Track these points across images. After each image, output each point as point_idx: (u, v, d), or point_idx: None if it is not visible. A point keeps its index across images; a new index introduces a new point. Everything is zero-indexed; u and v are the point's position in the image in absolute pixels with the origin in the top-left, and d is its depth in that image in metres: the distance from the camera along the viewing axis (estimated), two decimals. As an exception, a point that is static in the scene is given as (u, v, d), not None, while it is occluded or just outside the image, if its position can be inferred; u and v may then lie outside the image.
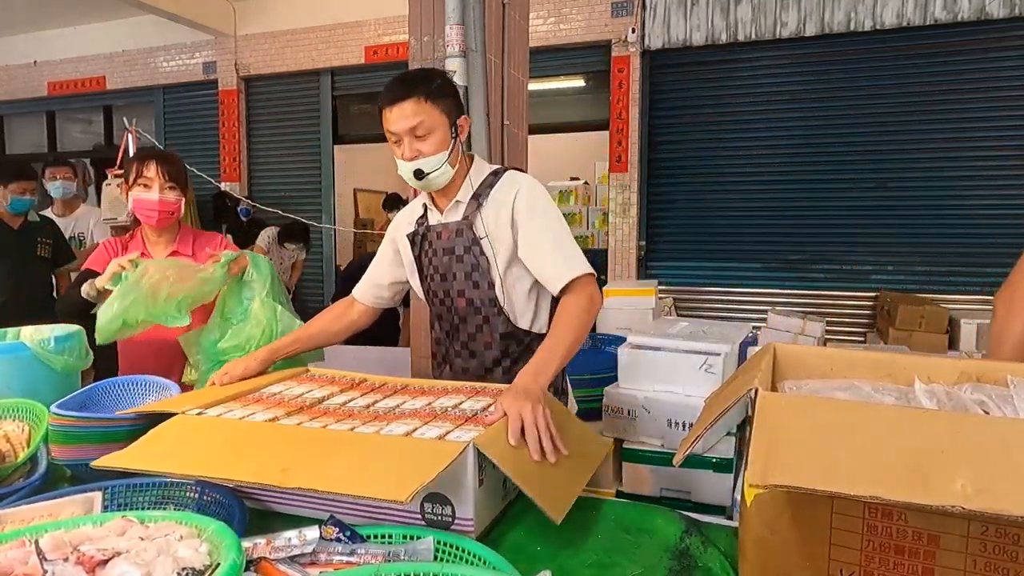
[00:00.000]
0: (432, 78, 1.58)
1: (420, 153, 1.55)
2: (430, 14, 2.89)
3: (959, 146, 4.98)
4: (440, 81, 1.59)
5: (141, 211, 2.07)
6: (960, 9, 4.83)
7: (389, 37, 6.44)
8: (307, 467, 0.98)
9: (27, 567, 0.69)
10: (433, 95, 1.53)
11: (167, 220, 2.11)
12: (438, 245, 1.68)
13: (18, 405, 1.45)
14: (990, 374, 0.96)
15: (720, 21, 5.38)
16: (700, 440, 0.90)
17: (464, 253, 1.64)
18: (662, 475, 1.78)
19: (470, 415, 1.22)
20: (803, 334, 3.89)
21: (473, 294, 1.65)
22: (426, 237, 1.70)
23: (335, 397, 1.39)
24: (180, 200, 2.12)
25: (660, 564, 0.98)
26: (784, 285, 5.47)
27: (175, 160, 2.14)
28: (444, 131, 1.56)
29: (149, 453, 1.09)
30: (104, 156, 7.44)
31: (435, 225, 1.69)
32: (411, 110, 1.52)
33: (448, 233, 1.65)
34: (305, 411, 1.29)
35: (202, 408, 1.29)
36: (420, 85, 1.53)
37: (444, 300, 1.71)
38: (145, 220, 2.10)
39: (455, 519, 1.03)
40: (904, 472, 0.66)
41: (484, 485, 1.06)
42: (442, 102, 1.55)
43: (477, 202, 1.63)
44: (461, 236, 1.63)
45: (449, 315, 1.72)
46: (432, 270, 1.70)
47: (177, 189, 2.10)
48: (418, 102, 1.52)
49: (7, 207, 3.44)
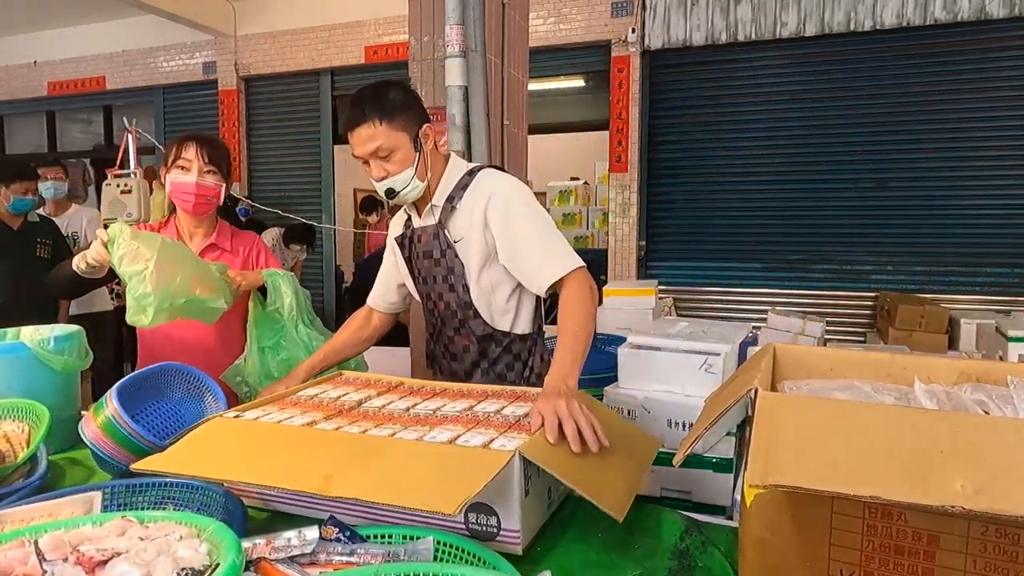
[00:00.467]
0: (384, 96, 1.53)
1: (388, 173, 1.54)
2: (430, 14, 2.89)
3: (959, 146, 4.98)
4: (394, 95, 1.54)
5: (177, 195, 1.92)
6: (960, 9, 4.83)
7: (389, 37, 6.44)
8: (349, 475, 0.95)
9: (27, 567, 0.69)
10: (387, 115, 1.50)
11: (204, 207, 1.95)
12: (419, 248, 1.69)
13: (18, 405, 1.45)
14: (990, 374, 0.96)
15: (720, 21, 5.38)
16: (700, 440, 0.90)
17: (440, 257, 1.65)
18: (662, 475, 1.78)
19: (512, 421, 1.20)
20: (803, 334, 3.88)
21: (450, 297, 1.66)
22: (412, 240, 1.71)
23: (373, 400, 1.36)
24: (220, 187, 1.96)
25: (660, 564, 0.98)
26: (784, 285, 5.47)
27: (218, 143, 1.99)
28: (406, 148, 1.54)
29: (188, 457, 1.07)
30: (104, 156, 7.45)
31: (417, 228, 1.70)
32: (367, 135, 1.51)
33: (427, 237, 1.66)
34: (344, 415, 1.26)
35: (239, 411, 1.29)
36: (372, 107, 1.50)
37: (427, 303, 1.74)
38: (181, 206, 1.94)
39: (500, 530, 1.01)
40: (904, 472, 0.66)
41: (530, 495, 1.04)
42: (399, 119, 1.52)
43: (451, 205, 1.63)
44: (437, 240, 1.64)
45: (432, 317, 1.75)
46: (416, 273, 1.73)
47: (218, 174, 1.94)
48: (373, 125, 1.50)
49: (8, 207, 3.44)
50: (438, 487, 0.90)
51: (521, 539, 1.01)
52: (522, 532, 1.01)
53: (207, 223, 2.03)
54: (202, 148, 1.91)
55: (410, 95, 1.59)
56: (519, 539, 1.01)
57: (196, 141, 1.92)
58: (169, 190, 1.93)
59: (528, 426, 1.16)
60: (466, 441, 1.08)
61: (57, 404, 1.51)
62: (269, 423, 1.21)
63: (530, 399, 1.34)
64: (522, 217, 1.57)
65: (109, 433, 1.27)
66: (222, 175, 1.96)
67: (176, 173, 1.90)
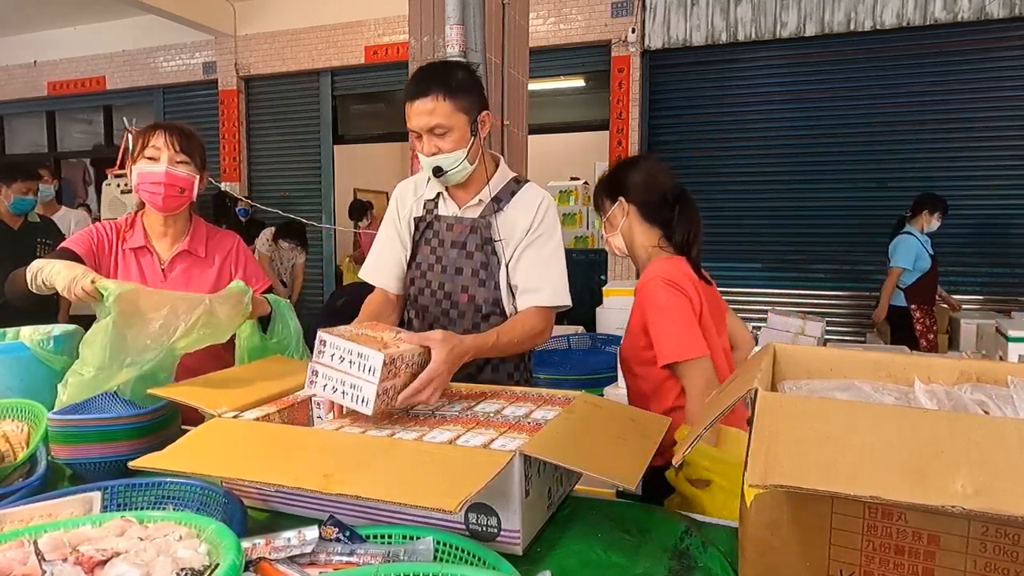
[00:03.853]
0: (452, 73, 1.55)
1: (439, 150, 1.55)
2: (430, 14, 2.89)
3: (959, 146, 4.99)
4: (462, 75, 1.56)
5: (145, 189, 1.68)
6: (960, 9, 4.83)
7: (389, 37, 6.45)
8: (349, 473, 0.95)
9: (26, 567, 0.69)
10: (452, 92, 1.52)
11: (175, 202, 1.71)
12: (447, 237, 1.67)
13: (18, 405, 1.45)
14: (990, 374, 0.96)
15: (720, 21, 5.39)
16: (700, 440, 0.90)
17: (475, 250, 1.64)
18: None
19: (513, 422, 1.20)
20: (803, 334, 3.88)
21: (478, 292, 1.65)
22: (432, 226, 1.69)
23: None
24: (193, 178, 1.72)
25: (660, 564, 0.98)
26: (784, 285, 5.47)
27: (189, 131, 1.75)
28: (463, 129, 1.55)
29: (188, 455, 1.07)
30: (104, 156, 7.45)
31: (447, 216, 1.68)
32: (427, 108, 1.52)
33: (462, 228, 1.66)
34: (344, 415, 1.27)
35: (238, 411, 1.28)
36: (437, 83, 1.52)
37: (436, 293, 1.68)
38: (150, 200, 1.70)
39: (500, 530, 1.01)
40: (904, 472, 0.66)
41: (530, 496, 1.04)
42: (461, 99, 1.53)
43: (497, 205, 1.64)
44: (475, 233, 1.64)
45: (437, 308, 1.69)
46: (433, 260, 1.68)
47: (190, 164, 1.71)
48: (436, 99, 1.51)
49: (9, 207, 3.44)
50: (439, 485, 0.90)
51: (521, 539, 1.01)
52: (522, 532, 1.01)
53: (179, 222, 1.78)
54: (172, 136, 1.69)
55: (475, 78, 1.61)
56: (519, 539, 1.01)
57: (165, 129, 1.71)
58: (135, 183, 1.70)
59: (529, 426, 1.17)
60: (466, 441, 1.09)
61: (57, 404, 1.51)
62: (269, 423, 1.21)
63: (530, 400, 1.34)
64: (559, 238, 1.68)
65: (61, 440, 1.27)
66: (195, 166, 1.72)
67: (143, 164, 1.68)
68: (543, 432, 1.10)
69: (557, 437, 1.09)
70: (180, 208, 1.75)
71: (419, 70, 1.58)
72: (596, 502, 1.19)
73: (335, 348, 1.24)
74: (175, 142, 1.69)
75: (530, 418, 1.21)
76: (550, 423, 1.15)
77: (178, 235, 1.79)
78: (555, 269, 1.64)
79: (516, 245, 1.64)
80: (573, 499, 1.20)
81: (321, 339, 1.25)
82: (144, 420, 1.31)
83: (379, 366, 1.18)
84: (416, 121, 1.54)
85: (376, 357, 1.19)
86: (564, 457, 1.00)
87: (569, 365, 2.88)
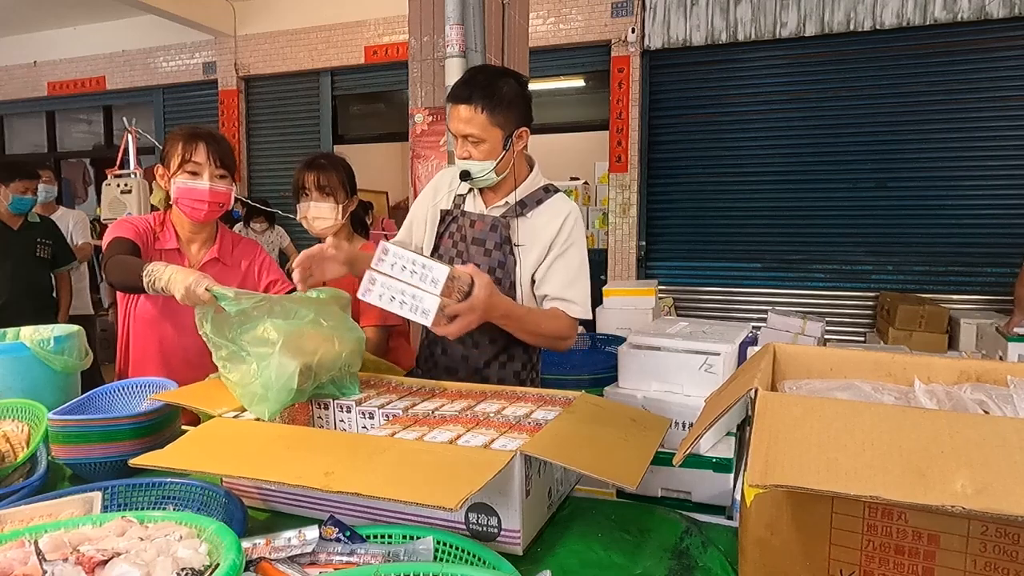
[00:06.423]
0: (496, 85, 1.56)
1: (470, 156, 1.58)
2: (430, 14, 2.89)
3: (959, 146, 4.98)
4: (507, 88, 1.57)
5: (187, 202, 1.74)
6: (960, 9, 4.83)
7: (389, 37, 6.44)
8: (351, 472, 0.96)
9: (27, 567, 0.69)
10: (493, 106, 1.54)
11: (215, 215, 1.80)
12: (469, 232, 1.69)
13: (18, 405, 1.45)
14: (990, 374, 0.96)
15: (720, 21, 5.38)
16: (700, 440, 0.90)
17: (494, 248, 1.66)
18: (662, 475, 1.78)
19: (513, 422, 1.20)
20: (803, 334, 3.88)
21: None
22: (457, 220, 1.71)
23: (372, 400, 1.36)
24: (231, 190, 1.80)
25: (660, 564, 0.98)
26: (784, 285, 5.47)
27: (224, 141, 1.80)
28: (495, 142, 1.57)
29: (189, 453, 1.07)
30: (104, 156, 7.45)
31: (472, 212, 1.70)
32: (465, 117, 1.55)
33: (483, 225, 1.68)
34: None
35: (238, 411, 1.28)
36: (480, 94, 1.54)
37: None
38: (191, 214, 1.76)
39: (501, 530, 1.01)
40: (904, 472, 0.66)
41: (531, 496, 1.04)
42: (500, 114, 1.55)
43: (520, 209, 1.66)
44: (495, 232, 1.66)
45: None
46: (454, 254, 1.71)
47: (228, 177, 1.78)
48: (474, 110, 1.53)
49: (8, 206, 3.44)
50: (439, 484, 0.90)
51: (521, 539, 1.01)
52: (522, 532, 1.01)
53: (207, 230, 1.86)
54: (213, 149, 1.74)
55: (521, 92, 1.62)
56: (519, 539, 1.01)
57: (206, 141, 1.74)
58: (176, 196, 1.76)
59: (529, 427, 1.17)
60: (467, 441, 1.09)
61: (57, 404, 1.51)
62: (270, 423, 1.21)
63: (530, 400, 1.34)
64: (583, 248, 1.70)
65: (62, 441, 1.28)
66: (231, 177, 1.81)
67: (185, 178, 1.73)
68: (544, 432, 1.10)
69: (558, 437, 1.09)
70: (215, 218, 1.84)
71: (470, 72, 1.61)
72: (596, 502, 1.19)
73: (397, 257, 1.26)
74: (216, 157, 1.74)
75: (531, 418, 1.21)
76: (551, 423, 1.15)
77: (206, 240, 1.87)
78: (583, 283, 1.66)
79: (538, 254, 1.65)
80: (573, 499, 1.20)
81: (384, 247, 1.27)
82: (144, 420, 1.32)
83: (443, 278, 1.22)
84: (453, 124, 1.58)
85: (441, 270, 1.23)
86: (565, 457, 1.01)
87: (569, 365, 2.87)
